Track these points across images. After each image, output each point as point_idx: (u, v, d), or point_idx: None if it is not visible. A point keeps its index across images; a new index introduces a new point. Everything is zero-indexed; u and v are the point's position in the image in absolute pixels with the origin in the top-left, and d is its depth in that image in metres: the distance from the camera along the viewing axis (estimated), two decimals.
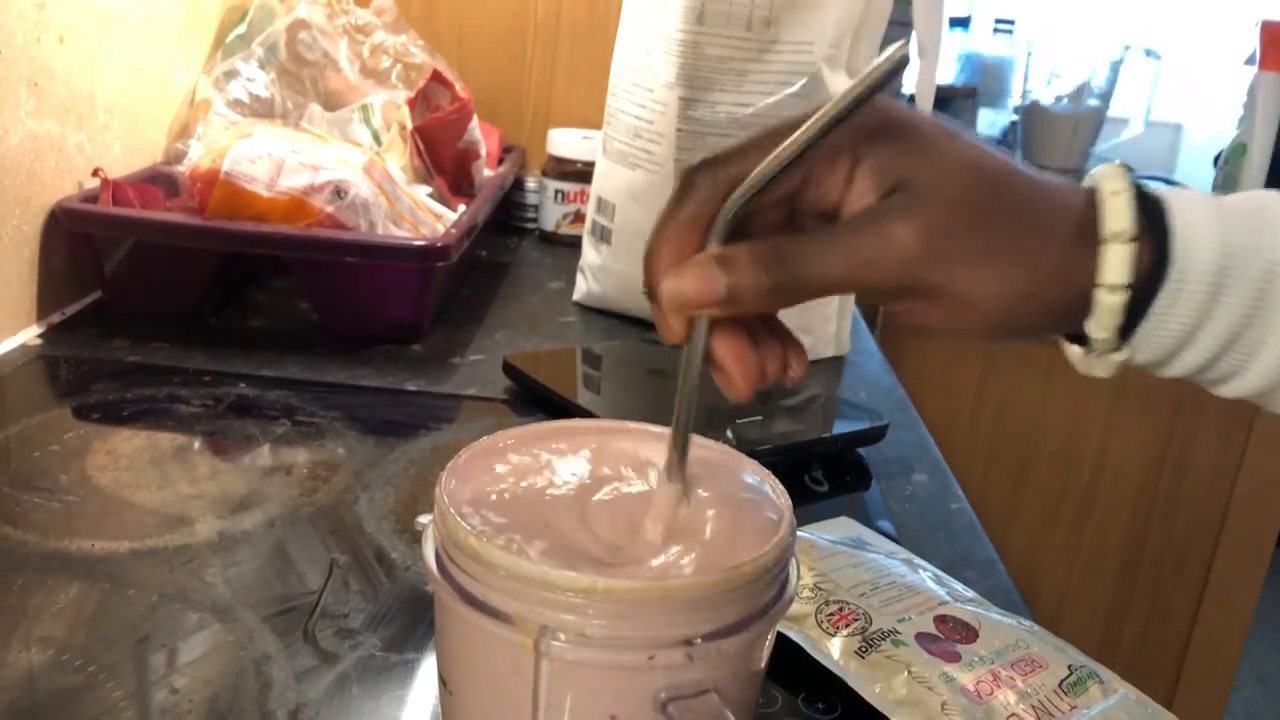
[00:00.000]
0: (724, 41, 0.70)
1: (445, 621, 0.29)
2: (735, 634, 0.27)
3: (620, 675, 0.27)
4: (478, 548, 0.27)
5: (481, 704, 0.29)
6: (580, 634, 0.26)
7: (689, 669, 0.27)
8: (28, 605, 0.40)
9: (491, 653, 0.28)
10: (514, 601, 0.26)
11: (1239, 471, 1.24)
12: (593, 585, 0.26)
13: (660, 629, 0.26)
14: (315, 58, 0.85)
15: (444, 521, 0.29)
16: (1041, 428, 1.24)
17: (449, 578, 0.28)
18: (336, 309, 0.70)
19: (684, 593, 0.26)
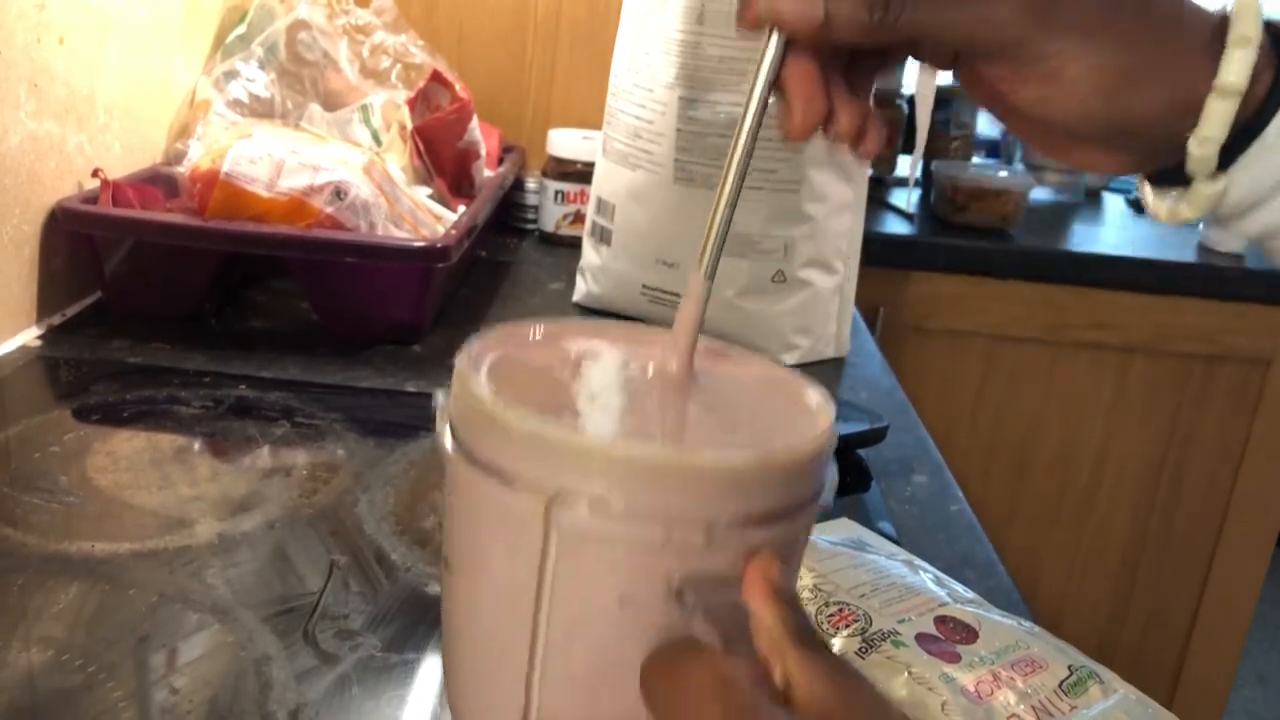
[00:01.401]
0: (724, 42, 0.70)
1: (454, 495, 0.28)
2: (762, 525, 0.25)
3: (634, 553, 0.25)
4: (493, 408, 0.25)
5: (483, 582, 0.27)
6: (595, 504, 0.24)
7: (708, 555, 0.25)
8: (28, 606, 0.40)
9: (498, 522, 0.26)
10: (527, 465, 0.25)
11: (1239, 471, 1.24)
12: (613, 450, 0.24)
13: (681, 505, 0.24)
14: (315, 58, 0.85)
15: (460, 385, 0.27)
16: (1041, 429, 1.24)
17: (460, 445, 0.27)
18: (336, 310, 0.70)
19: (711, 469, 0.25)
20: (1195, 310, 1.19)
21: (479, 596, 0.27)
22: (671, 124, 0.72)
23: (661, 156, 0.73)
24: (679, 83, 0.71)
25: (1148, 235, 1.32)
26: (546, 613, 0.26)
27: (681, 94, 0.71)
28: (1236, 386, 1.21)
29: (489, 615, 0.27)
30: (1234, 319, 1.19)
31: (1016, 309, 1.20)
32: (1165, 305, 1.19)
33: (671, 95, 0.72)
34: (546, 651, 0.26)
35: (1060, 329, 1.20)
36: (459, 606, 0.29)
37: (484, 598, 0.27)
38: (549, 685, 0.26)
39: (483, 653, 0.28)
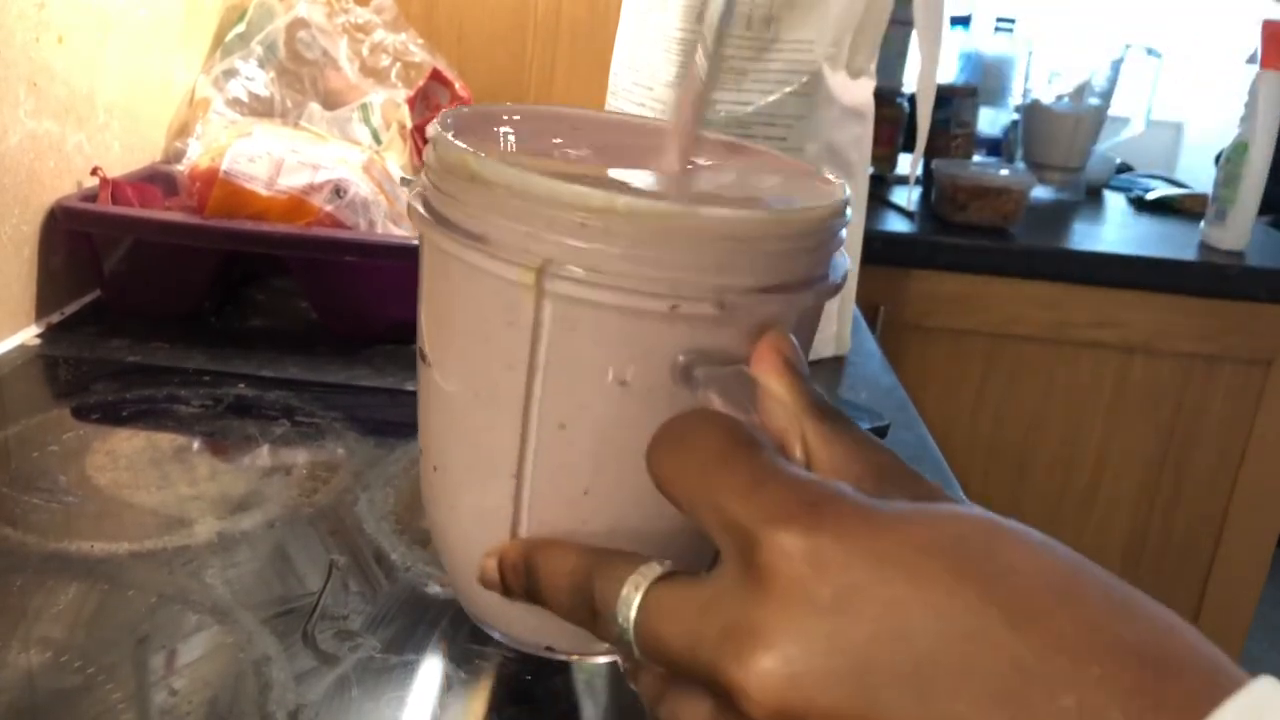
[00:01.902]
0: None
1: (431, 273, 0.25)
2: (775, 297, 0.22)
3: (635, 326, 0.22)
4: (474, 164, 0.22)
5: (464, 371, 0.24)
6: (593, 270, 0.21)
7: (716, 329, 0.22)
8: (27, 606, 0.39)
9: (482, 300, 0.23)
10: (514, 227, 0.22)
11: (1239, 471, 1.24)
12: (611, 204, 0.21)
13: (691, 271, 0.21)
14: (314, 56, 0.85)
15: (436, 149, 0.24)
16: (1041, 428, 1.24)
17: (434, 213, 0.24)
18: (336, 308, 0.70)
19: (725, 226, 0.21)
20: (1196, 309, 1.19)
21: (460, 388, 0.25)
22: None
23: None
24: (679, 81, 0.71)
25: (1149, 234, 1.32)
26: (538, 399, 0.23)
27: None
28: (1237, 386, 1.21)
29: (471, 408, 0.24)
30: (1235, 318, 1.19)
31: (1017, 308, 1.20)
32: (1166, 304, 1.19)
33: (671, 94, 0.71)
34: (538, 445, 0.23)
35: (1061, 328, 1.20)
36: (437, 402, 0.26)
37: (466, 388, 0.24)
38: (541, 483, 0.24)
39: (465, 453, 0.25)
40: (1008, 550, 0.20)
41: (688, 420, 0.21)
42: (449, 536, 0.27)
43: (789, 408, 0.22)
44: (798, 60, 0.69)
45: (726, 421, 0.21)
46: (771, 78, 0.70)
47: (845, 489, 0.20)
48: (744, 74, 0.70)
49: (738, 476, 0.20)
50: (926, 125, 0.79)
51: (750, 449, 0.20)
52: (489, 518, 0.25)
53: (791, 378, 0.23)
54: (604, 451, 0.23)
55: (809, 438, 0.22)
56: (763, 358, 0.23)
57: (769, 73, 0.70)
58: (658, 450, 0.21)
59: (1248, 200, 1.20)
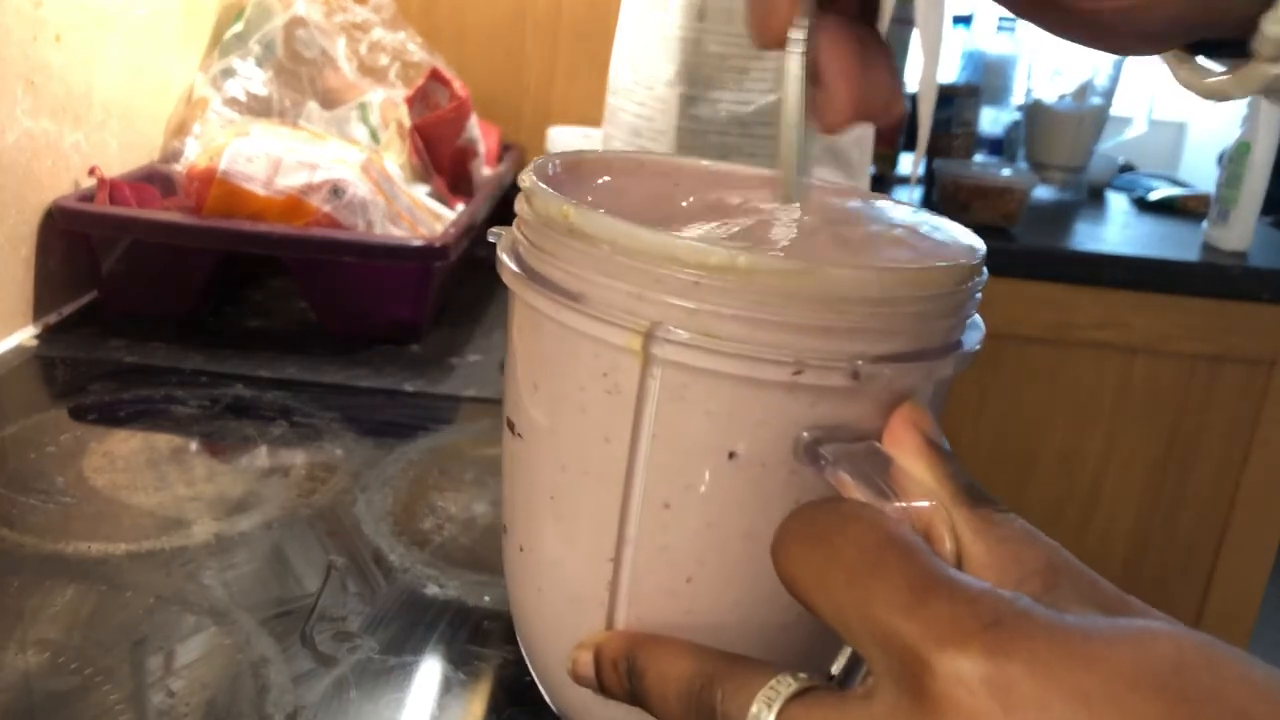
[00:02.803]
0: (725, 38, 0.69)
1: (521, 334, 0.23)
2: (910, 366, 0.20)
3: (752, 396, 0.20)
4: (574, 217, 0.20)
5: (558, 443, 0.22)
6: (706, 331, 0.19)
7: (845, 400, 0.20)
8: (24, 607, 0.39)
9: (580, 365, 0.21)
10: (618, 287, 0.20)
11: (1242, 472, 1.23)
12: (731, 261, 0.19)
13: (815, 334, 0.19)
14: (313, 55, 0.85)
15: (531, 201, 0.22)
16: (1044, 429, 1.24)
17: (528, 269, 0.22)
18: (334, 309, 0.70)
19: (855, 285, 0.19)
20: (1199, 310, 1.18)
21: (552, 462, 0.22)
22: (672, 122, 0.72)
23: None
24: (679, 80, 0.71)
25: (1151, 234, 1.31)
26: (641, 476, 0.21)
27: (682, 91, 0.71)
28: (1241, 387, 1.21)
29: (565, 484, 0.22)
30: (1238, 319, 1.18)
31: (1019, 308, 1.19)
32: (1169, 305, 1.18)
33: (672, 93, 0.71)
34: (640, 526, 0.21)
35: (1063, 328, 1.20)
36: (525, 476, 0.23)
37: (559, 462, 0.22)
38: (642, 569, 0.22)
39: (557, 533, 0.23)
40: (1234, 685, 0.16)
41: (825, 513, 0.19)
42: (534, 622, 0.25)
43: (934, 493, 0.20)
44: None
45: (873, 516, 0.18)
46: (772, 76, 0.69)
47: (1029, 603, 0.17)
48: (745, 73, 0.69)
49: (896, 586, 0.17)
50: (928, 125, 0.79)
51: (906, 551, 0.18)
52: (582, 605, 0.23)
53: (935, 458, 0.20)
54: (712, 535, 0.21)
55: (960, 529, 0.19)
56: (899, 434, 0.21)
57: (770, 71, 0.69)
58: (791, 547, 0.19)
59: (1250, 200, 1.20)
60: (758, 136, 0.71)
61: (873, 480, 0.19)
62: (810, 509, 0.19)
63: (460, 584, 0.43)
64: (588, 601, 0.22)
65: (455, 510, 0.49)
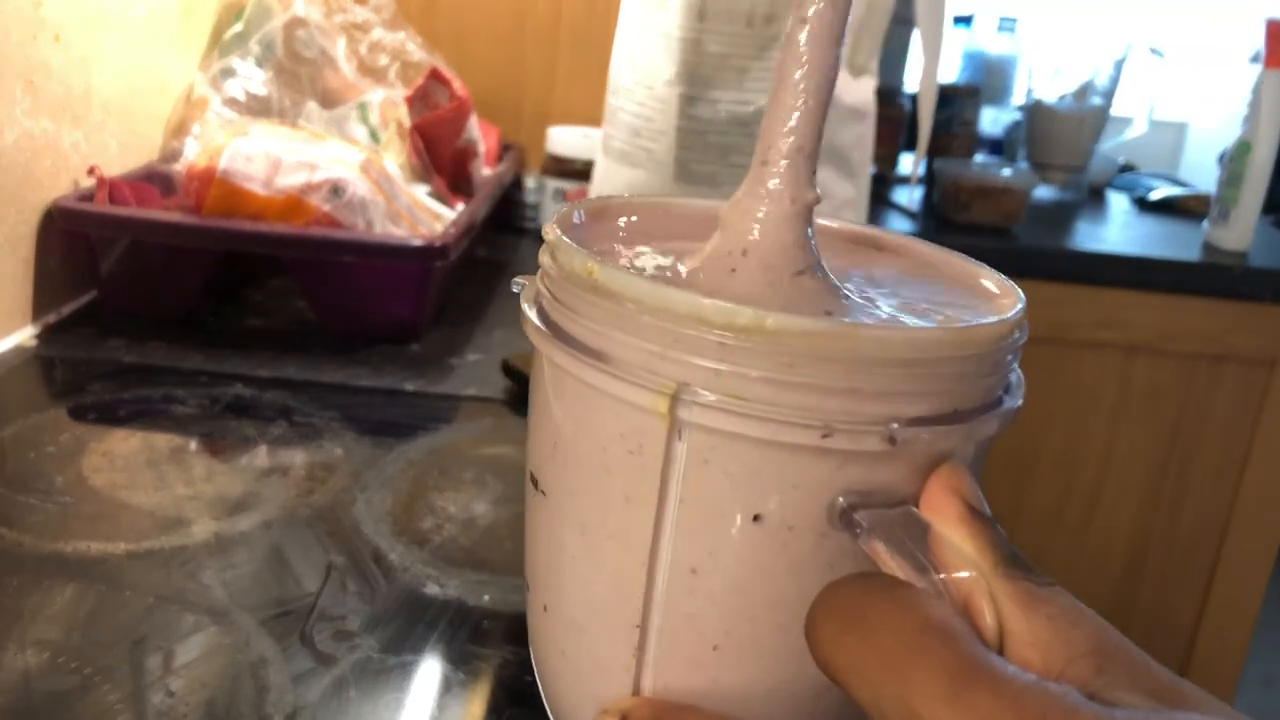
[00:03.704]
0: (725, 38, 0.69)
1: (545, 389, 0.22)
2: (949, 427, 0.20)
3: (782, 460, 0.19)
4: (598, 275, 0.20)
5: (582, 505, 0.22)
6: (733, 394, 0.19)
7: (879, 464, 0.19)
8: (23, 607, 0.39)
9: (602, 425, 0.21)
10: (643, 346, 0.19)
11: (1244, 472, 1.23)
12: (759, 322, 0.18)
13: (847, 396, 0.19)
14: (313, 55, 0.85)
15: (554, 255, 0.21)
16: (1045, 429, 1.24)
17: (551, 324, 0.21)
18: (334, 309, 0.70)
19: (889, 346, 0.19)
20: (1199, 310, 1.18)
21: (575, 522, 0.22)
22: (672, 121, 0.72)
23: (662, 154, 0.73)
24: (679, 80, 0.71)
25: (1151, 234, 1.31)
26: (668, 540, 0.20)
27: (682, 91, 0.71)
28: (1241, 387, 1.21)
29: (588, 546, 0.22)
30: (1239, 318, 1.18)
31: None
32: (1169, 304, 1.18)
33: (672, 92, 0.71)
34: (667, 592, 0.21)
35: (1064, 328, 1.20)
36: (548, 535, 0.23)
37: (581, 523, 0.22)
38: (669, 635, 0.21)
39: (581, 596, 0.22)
40: None
41: (861, 591, 0.18)
42: (558, 684, 0.24)
43: (974, 563, 0.19)
44: None
45: (912, 597, 0.17)
46: (773, 76, 0.69)
47: (1077, 700, 0.16)
48: (745, 72, 0.69)
49: (935, 675, 0.16)
50: (929, 125, 0.79)
51: (946, 636, 0.16)
52: (607, 670, 0.22)
53: (976, 526, 0.19)
54: (738, 601, 0.20)
55: (1002, 604, 0.18)
56: (938, 501, 0.20)
57: (770, 71, 0.69)
58: (825, 626, 0.18)
59: (1251, 200, 1.20)
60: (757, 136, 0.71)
61: (910, 551, 0.18)
62: (846, 586, 0.18)
63: (460, 584, 0.43)
64: (613, 667, 0.22)
65: (455, 510, 0.49)
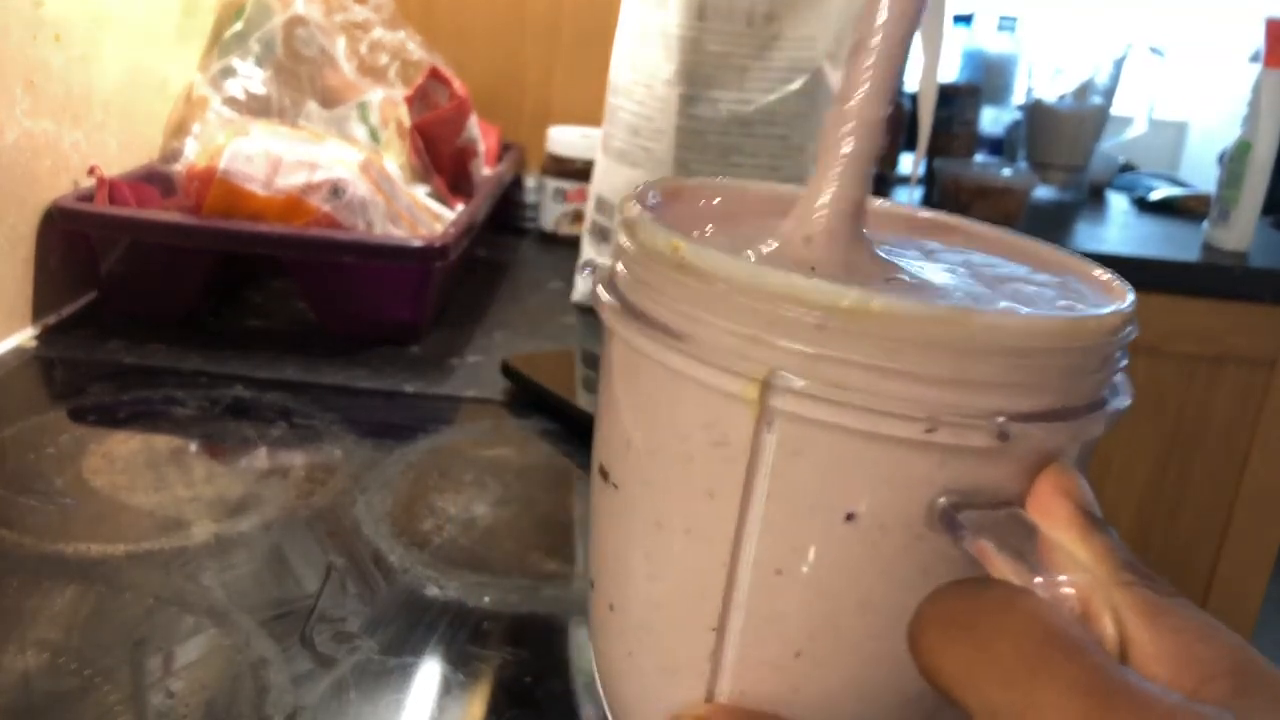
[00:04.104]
0: (725, 37, 0.69)
1: (618, 375, 0.21)
2: (1059, 424, 0.18)
3: (879, 454, 0.18)
4: (687, 253, 0.19)
5: (659, 499, 0.20)
6: (832, 382, 0.17)
7: (984, 462, 0.18)
8: (23, 608, 0.39)
9: (683, 413, 0.19)
10: (733, 329, 0.18)
11: (1243, 472, 1.23)
12: (864, 304, 0.17)
13: (954, 388, 0.17)
14: (313, 55, 0.85)
15: (636, 233, 0.20)
16: None
17: (628, 305, 0.20)
18: (334, 309, 0.70)
19: (1004, 334, 0.17)
20: (1199, 310, 1.18)
21: (652, 518, 0.21)
22: (671, 121, 0.72)
23: (661, 154, 0.72)
24: (679, 79, 0.71)
25: (1151, 234, 1.31)
26: (752, 538, 0.19)
27: (682, 90, 0.71)
28: (1241, 387, 1.21)
29: (663, 543, 0.20)
30: (1238, 319, 1.18)
31: None
32: (1169, 305, 1.18)
33: (671, 92, 0.71)
34: (750, 593, 0.19)
35: None
36: (617, 529, 0.22)
37: (659, 520, 0.20)
38: (749, 640, 0.20)
39: (653, 595, 0.21)
40: None
41: (974, 596, 0.16)
42: (622, 687, 0.23)
43: (1090, 570, 0.17)
44: (799, 58, 0.69)
45: (1031, 604, 0.16)
46: (773, 75, 0.69)
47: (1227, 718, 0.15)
48: (745, 72, 0.69)
49: (1065, 693, 0.15)
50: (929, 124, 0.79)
51: (1073, 648, 0.15)
52: (678, 673, 0.21)
53: (1091, 530, 0.18)
54: (825, 605, 0.19)
55: (1125, 616, 0.16)
56: (1048, 502, 0.18)
57: (771, 70, 0.69)
58: (933, 634, 0.17)
59: (1251, 200, 1.20)
60: (758, 136, 0.71)
61: (1021, 554, 0.17)
62: (956, 589, 0.17)
63: (460, 585, 0.43)
64: (684, 671, 0.21)
65: (455, 511, 0.49)
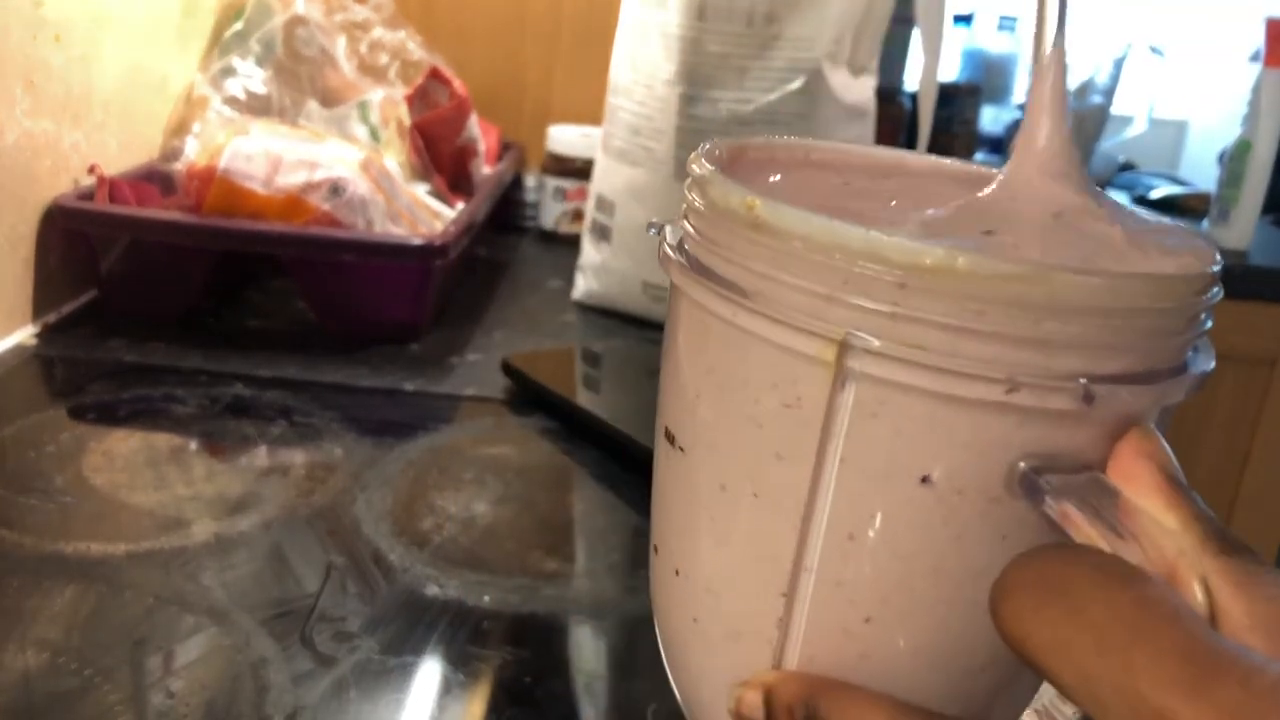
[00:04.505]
0: (725, 37, 0.69)
1: (686, 336, 0.21)
2: (1143, 387, 0.18)
3: (957, 416, 0.17)
4: (762, 210, 0.18)
5: (724, 463, 0.20)
6: (913, 343, 0.17)
7: (1065, 425, 0.17)
8: (23, 608, 0.39)
9: (754, 375, 0.19)
10: (809, 288, 0.18)
11: (1244, 472, 1.23)
12: (949, 261, 0.16)
13: (1032, 348, 0.17)
14: (313, 54, 0.85)
15: (707, 190, 0.20)
16: None
17: (697, 264, 0.20)
18: (334, 308, 0.70)
19: (1090, 293, 0.17)
20: None
21: (719, 482, 0.20)
22: (672, 120, 0.72)
23: (662, 153, 0.73)
24: (679, 79, 0.71)
25: None
26: (826, 502, 0.19)
27: (682, 90, 0.71)
28: (1241, 386, 1.21)
29: (732, 507, 0.20)
30: (1239, 318, 1.18)
31: None
32: None
33: (672, 91, 0.71)
34: (821, 558, 0.19)
35: None
36: (683, 493, 0.21)
37: (727, 483, 0.20)
38: (819, 605, 0.19)
39: (721, 560, 0.21)
40: None
41: (1063, 561, 0.16)
42: (687, 654, 0.23)
43: (1177, 537, 0.17)
44: (799, 58, 0.69)
45: (1124, 569, 0.15)
46: (773, 75, 0.69)
47: None
48: (745, 71, 0.69)
49: (1166, 660, 0.14)
50: (929, 124, 0.79)
51: (1172, 614, 0.15)
52: (744, 640, 0.21)
53: (1178, 496, 0.17)
54: (897, 570, 0.19)
55: (1214, 582, 0.16)
56: (1131, 467, 0.18)
57: (770, 70, 0.69)
58: (1020, 600, 0.16)
59: (1251, 199, 1.20)
60: (758, 135, 0.70)
61: (1106, 519, 0.17)
62: (1044, 555, 0.16)
63: (460, 584, 0.43)
64: (751, 637, 0.20)
65: (455, 510, 0.49)
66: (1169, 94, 1.62)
